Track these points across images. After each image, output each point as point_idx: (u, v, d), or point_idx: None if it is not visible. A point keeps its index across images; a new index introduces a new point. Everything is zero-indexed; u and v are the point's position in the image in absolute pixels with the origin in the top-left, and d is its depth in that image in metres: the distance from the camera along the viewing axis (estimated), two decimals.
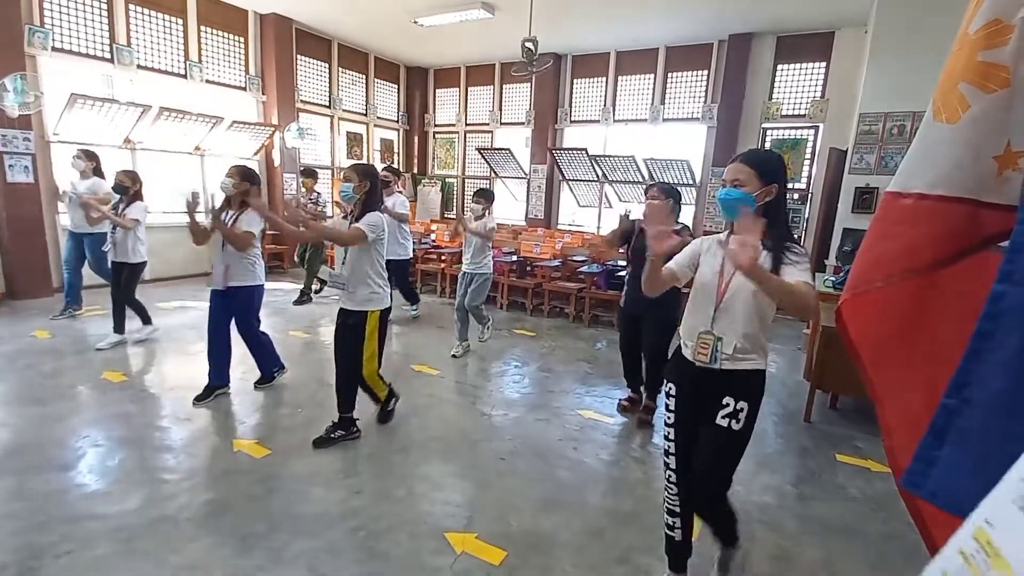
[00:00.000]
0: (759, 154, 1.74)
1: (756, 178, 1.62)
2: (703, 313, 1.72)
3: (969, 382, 0.95)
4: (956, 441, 0.96)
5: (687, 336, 1.77)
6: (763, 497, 2.56)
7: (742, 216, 1.60)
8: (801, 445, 3.17)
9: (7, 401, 3.19)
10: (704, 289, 1.73)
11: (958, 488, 0.94)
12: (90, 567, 1.89)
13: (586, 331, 5.48)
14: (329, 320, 5.40)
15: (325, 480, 2.51)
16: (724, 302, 1.67)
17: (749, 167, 1.64)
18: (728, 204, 1.64)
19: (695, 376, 1.73)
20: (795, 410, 3.60)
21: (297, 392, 3.56)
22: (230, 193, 3.18)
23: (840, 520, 2.43)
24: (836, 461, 2.97)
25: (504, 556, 2.04)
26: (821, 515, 2.45)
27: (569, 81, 8.67)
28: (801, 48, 6.95)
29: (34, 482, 2.37)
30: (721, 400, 1.69)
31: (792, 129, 7.18)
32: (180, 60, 6.69)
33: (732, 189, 1.64)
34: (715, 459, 1.72)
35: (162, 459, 2.64)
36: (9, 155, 5.19)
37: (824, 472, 2.86)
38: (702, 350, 1.69)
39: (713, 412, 1.70)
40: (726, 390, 1.68)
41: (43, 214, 5.54)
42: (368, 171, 2.78)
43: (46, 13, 5.47)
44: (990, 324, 0.92)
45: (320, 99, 8.54)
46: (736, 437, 1.69)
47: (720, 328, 1.67)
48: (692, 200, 7.86)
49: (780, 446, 3.15)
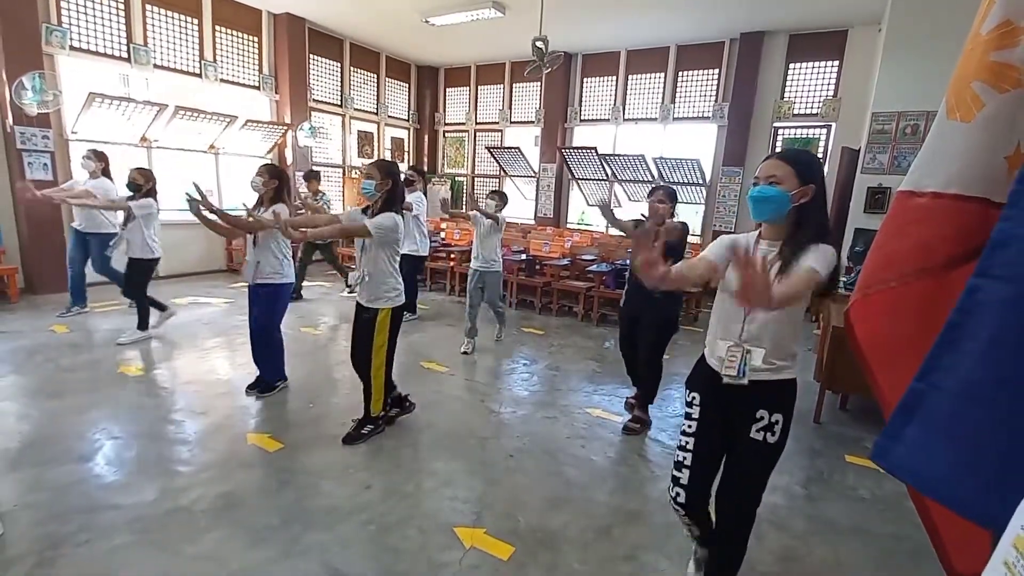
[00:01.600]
0: (799, 152, 1.62)
1: (794, 176, 1.47)
2: (731, 324, 1.59)
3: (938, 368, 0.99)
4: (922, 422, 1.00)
5: (712, 347, 1.65)
6: (771, 497, 2.54)
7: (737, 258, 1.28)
8: (810, 446, 3.16)
9: (27, 394, 3.26)
10: (732, 294, 1.56)
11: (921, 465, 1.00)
12: (108, 557, 1.93)
13: (594, 330, 5.48)
14: (337, 317, 5.46)
15: (336, 475, 2.55)
16: (754, 313, 1.54)
17: (787, 164, 1.49)
18: (760, 203, 1.50)
19: (721, 388, 1.60)
20: (805, 411, 3.58)
21: (309, 387, 3.60)
22: (260, 191, 3.24)
23: (849, 520, 2.42)
24: (846, 462, 2.96)
25: (512, 552, 2.06)
26: (830, 516, 2.45)
27: (579, 80, 8.66)
28: (813, 46, 6.89)
29: (53, 473, 2.42)
30: (754, 413, 1.58)
31: (804, 128, 7.12)
32: (195, 59, 6.78)
33: (767, 187, 1.49)
34: (749, 475, 1.62)
35: (177, 452, 2.70)
36: (28, 153, 5.30)
37: (833, 473, 2.85)
38: (730, 363, 1.56)
39: (744, 426, 1.59)
40: (758, 403, 1.57)
41: (60, 211, 5.64)
42: (390, 169, 2.78)
43: (64, 12, 5.57)
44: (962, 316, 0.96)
45: (332, 98, 8.60)
46: (771, 451, 1.59)
47: (749, 340, 1.55)
48: (702, 199, 7.83)
49: (789, 447, 3.06)
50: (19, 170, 5.28)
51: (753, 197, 1.51)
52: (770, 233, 1.57)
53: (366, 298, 2.81)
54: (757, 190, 1.51)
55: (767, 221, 1.54)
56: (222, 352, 4.22)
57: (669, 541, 2.18)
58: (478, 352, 4.55)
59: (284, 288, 3.34)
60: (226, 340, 4.47)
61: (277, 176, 3.27)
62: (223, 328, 4.78)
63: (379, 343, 2.81)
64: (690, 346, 5.02)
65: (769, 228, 1.57)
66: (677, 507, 1.73)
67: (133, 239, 4.13)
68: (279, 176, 3.28)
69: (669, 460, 2.87)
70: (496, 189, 4.76)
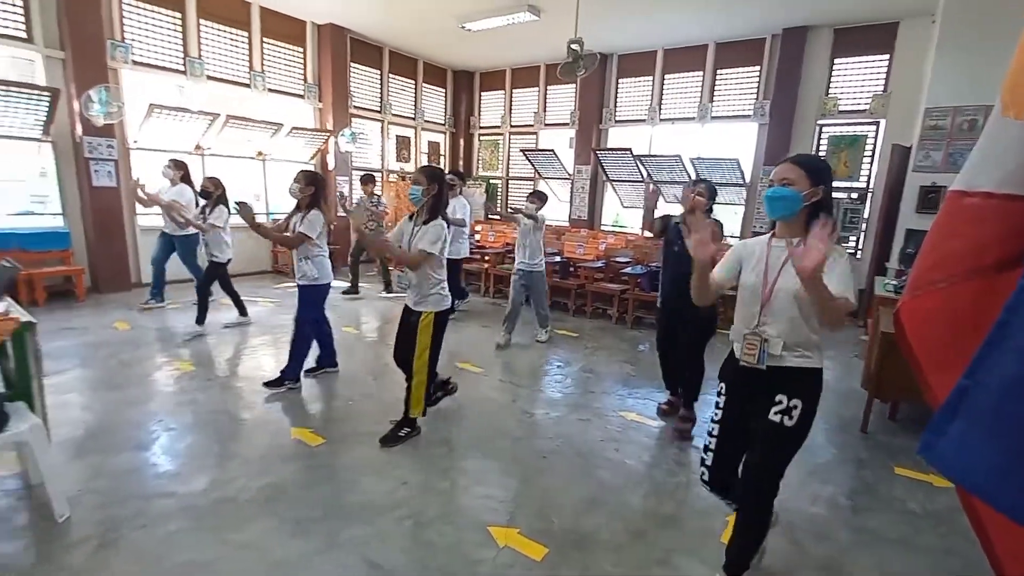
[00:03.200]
0: (810, 157, 1.79)
1: (805, 178, 1.66)
2: (749, 313, 1.75)
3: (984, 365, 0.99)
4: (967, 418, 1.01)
5: (735, 336, 1.81)
6: (813, 507, 2.48)
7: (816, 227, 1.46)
8: (856, 456, 3.04)
9: (91, 386, 3.50)
10: (749, 289, 1.75)
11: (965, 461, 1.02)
12: (163, 541, 2.05)
13: (629, 333, 5.43)
14: (377, 318, 5.60)
15: (374, 470, 2.62)
16: (770, 303, 1.70)
17: (799, 167, 1.68)
18: (774, 202, 1.67)
19: (744, 375, 1.77)
20: (850, 419, 3.45)
21: (350, 384, 3.72)
22: (297, 197, 3.39)
23: (896, 533, 2.32)
24: (894, 474, 2.83)
25: (545, 553, 2.07)
26: (875, 528, 2.35)
27: (614, 81, 8.60)
28: (861, 40, 6.62)
29: (114, 461, 2.59)
30: (772, 397, 1.71)
31: (851, 125, 6.84)
32: (245, 70, 7.11)
33: (780, 187, 1.67)
34: (766, 454, 1.74)
35: (226, 444, 2.84)
36: (95, 161, 5.68)
37: (881, 484, 2.73)
38: (749, 350, 1.72)
39: (764, 409, 1.72)
40: (778, 388, 1.70)
41: (124, 215, 6.03)
42: (436, 175, 2.84)
43: (126, 29, 5.95)
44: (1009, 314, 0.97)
45: (372, 104, 8.84)
46: (789, 434, 1.69)
47: (766, 329, 1.70)
48: (742, 200, 7.63)
49: (833, 456, 3.03)
50: (87, 177, 5.66)
51: (768, 196, 1.69)
52: (784, 231, 1.73)
53: (413, 300, 2.88)
54: (772, 190, 1.69)
55: (781, 219, 1.71)
56: (267, 350, 4.40)
57: (705, 547, 2.15)
58: (511, 353, 4.59)
59: (323, 287, 3.50)
60: (271, 338, 4.67)
61: (313, 182, 3.40)
62: (268, 327, 4.99)
63: (422, 346, 2.85)
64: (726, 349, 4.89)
65: (783, 227, 1.73)
66: (704, 484, 1.93)
67: (212, 243, 4.55)
68: (315, 182, 3.42)
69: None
70: (536, 190, 4.85)
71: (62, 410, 2.99)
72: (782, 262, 1.67)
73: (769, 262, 1.71)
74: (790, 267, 1.61)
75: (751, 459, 1.79)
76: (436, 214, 2.79)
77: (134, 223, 6.25)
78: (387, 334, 5.10)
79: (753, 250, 1.79)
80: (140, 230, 6.31)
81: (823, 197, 1.68)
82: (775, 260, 1.71)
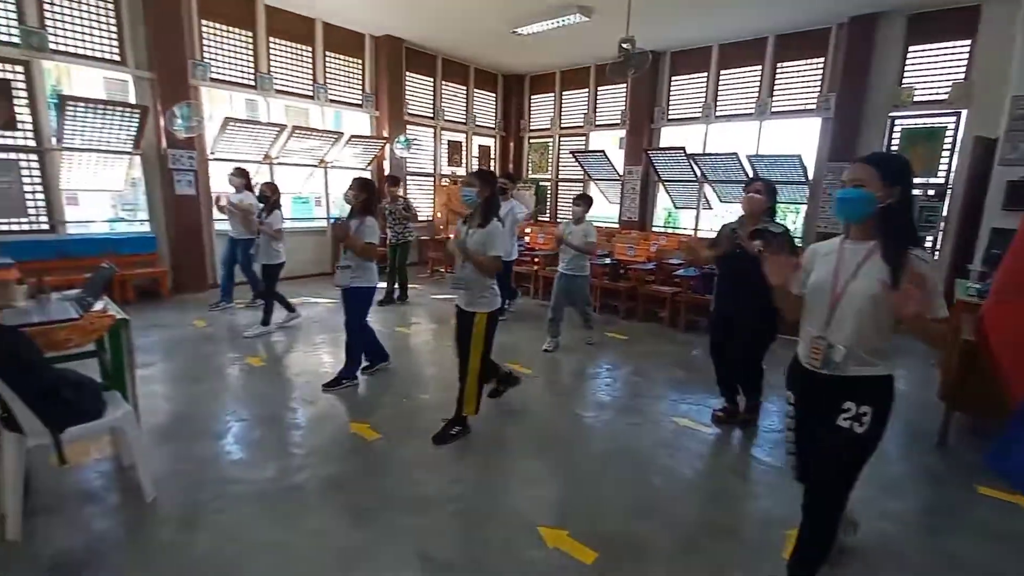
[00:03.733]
0: (884, 155, 1.75)
1: (878, 179, 1.58)
2: (817, 318, 1.71)
3: None
4: None
5: (802, 339, 1.79)
6: (882, 524, 2.34)
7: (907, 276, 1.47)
8: (933, 473, 2.84)
9: (173, 379, 3.81)
10: (818, 293, 1.71)
11: None
12: (238, 524, 2.21)
13: (681, 336, 5.31)
14: (427, 318, 5.76)
15: (427, 466, 2.72)
16: (839, 308, 1.64)
17: (872, 167, 1.61)
18: (845, 204, 1.62)
19: (810, 381, 1.73)
20: (927, 433, 3.22)
21: (404, 383, 3.86)
22: (351, 203, 3.57)
23: (976, 558, 2.15)
24: (977, 493, 2.62)
25: (596, 557, 2.07)
26: (953, 551, 2.19)
27: (667, 79, 8.41)
28: (939, 26, 6.14)
29: (194, 448, 2.82)
30: (840, 404, 1.66)
31: (928, 117, 6.37)
32: (309, 84, 7.51)
33: (852, 189, 1.61)
34: (834, 462, 1.69)
35: (292, 435, 3.02)
36: (177, 171, 6.18)
37: (960, 505, 2.54)
38: (814, 354, 1.69)
39: (832, 414, 1.68)
40: (845, 395, 1.66)
41: (202, 221, 6.51)
42: (489, 177, 2.93)
43: (205, 49, 6.43)
44: None
45: (425, 111, 9.10)
46: (858, 441, 1.64)
47: (833, 334, 1.65)
48: (804, 198, 7.27)
49: (906, 471, 2.84)
50: (170, 186, 6.17)
51: (839, 198, 1.64)
52: (857, 234, 1.67)
53: (465, 302, 2.95)
54: (842, 192, 1.63)
55: (853, 221, 1.66)
56: (328, 347, 4.63)
57: (763, 561, 2.08)
58: (560, 355, 4.60)
59: (371, 291, 3.68)
60: (331, 337, 4.91)
61: (366, 189, 3.59)
62: (329, 326, 5.24)
63: (475, 346, 2.93)
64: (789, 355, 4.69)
65: (856, 229, 1.67)
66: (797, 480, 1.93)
67: (263, 247, 4.80)
68: (368, 189, 3.60)
69: (765, 478, 2.74)
70: (581, 193, 4.84)
71: (149, 400, 3.27)
72: (856, 265, 1.62)
73: (842, 263, 1.66)
74: (865, 271, 1.59)
75: (817, 468, 1.74)
76: (490, 217, 2.86)
77: (211, 228, 6.74)
78: (439, 335, 5.23)
79: (824, 252, 1.75)
80: (216, 234, 6.80)
81: (900, 198, 1.59)
82: (848, 262, 1.65)
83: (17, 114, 5.22)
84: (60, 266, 5.44)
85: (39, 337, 2.19)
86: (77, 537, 2.08)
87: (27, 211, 5.41)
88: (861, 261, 1.62)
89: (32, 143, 5.38)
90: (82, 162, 5.69)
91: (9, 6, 5.08)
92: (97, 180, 5.93)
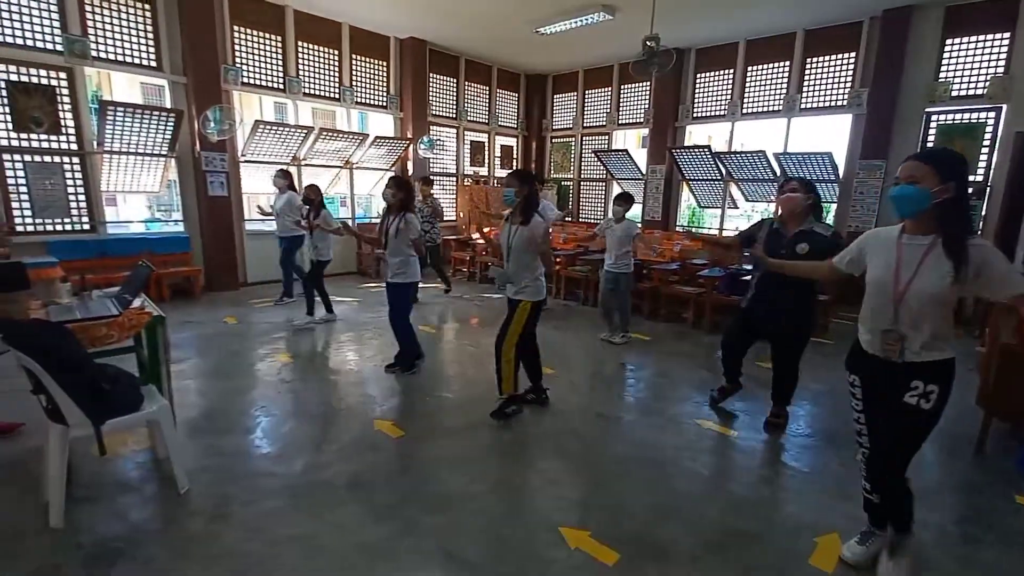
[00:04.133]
0: (938, 151, 1.80)
1: (933, 175, 1.62)
2: (882, 311, 1.77)
3: None
4: None
5: (867, 331, 1.85)
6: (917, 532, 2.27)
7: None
8: (969, 480, 2.74)
9: (205, 374, 3.93)
10: (879, 287, 1.77)
11: None
12: (266, 516, 2.27)
13: (706, 338, 5.23)
14: (450, 318, 5.80)
15: (449, 464, 2.74)
16: (904, 305, 1.71)
17: (926, 163, 1.64)
18: (900, 201, 1.67)
19: (878, 365, 1.82)
20: (964, 439, 3.10)
21: (429, 382, 3.90)
22: (389, 201, 3.72)
23: (1015, 570, 2.07)
24: (1016, 503, 2.52)
25: (617, 558, 2.06)
26: (989, 562, 2.11)
27: (692, 76, 8.30)
28: (977, 18, 5.92)
29: (225, 442, 2.91)
30: (908, 383, 1.75)
31: (965, 112, 6.14)
32: (335, 86, 7.65)
33: (907, 186, 1.65)
34: (900, 436, 1.80)
35: (319, 431, 3.08)
36: (210, 173, 6.37)
37: (998, 514, 2.44)
38: (890, 347, 1.76)
39: (900, 392, 1.77)
40: (914, 375, 1.75)
41: (233, 221, 6.70)
42: (527, 177, 3.09)
43: (237, 54, 6.61)
44: None
45: (448, 112, 9.17)
46: (924, 416, 1.74)
47: (904, 326, 1.73)
48: (835, 197, 7.09)
49: (942, 478, 2.75)
50: (204, 187, 6.36)
51: (893, 196, 1.69)
52: (913, 228, 1.72)
53: (512, 292, 3.14)
54: (897, 189, 1.68)
55: (908, 217, 1.71)
56: (353, 345, 4.72)
57: (791, 569, 2.04)
58: (584, 355, 4.58)
59: (413, 286, 3.85)
60: (356, 335, 4.99)
61: (403, 188, 3.73)
62: (354, 324, 5.34)
63: (514, 330, 3.12)
64: (821, 360, 4.58)
65: (912, 223, 1.72)
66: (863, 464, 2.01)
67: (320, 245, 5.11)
68: (405, 188, 3.75)
69: (792, 483, 2.68)
70: (622, 192, 5.00)
71: (182, 394, 3.38)
72: (918, 261, 1.67)
73: (902, 259, 1.71)
74: (928, 268, 1.65)
75: (884, 440, 1.83)
76: (530, 213, 3.01)
77: (242, 229, 6.93)
78: (462, 334, 5.27)
79: (883, 242, 1.80)
80: (247, 235, 6.99)
81: (955, 194, 1.62)
82: (909, 258, 1.70)
83: (61, 119, 5.45)
84: (100, 265, 5.67)
85: (81, 333, 2.29)
86: (115, 525, 2.16)
87: (70, 212, 5.66)
88: (921, 257, 1.67)
89: (74, 147, 5.62)
90: (121, 164, 5.92)
91: (54, 16, 5.31)
92: (135, 182, 6.16)
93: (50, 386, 1.98)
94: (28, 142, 5.34)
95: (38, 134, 5.35)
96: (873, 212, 6.67)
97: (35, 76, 5.28)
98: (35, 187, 5.38)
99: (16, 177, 5.31)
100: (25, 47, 5.21)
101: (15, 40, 5.16)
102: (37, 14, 5.23)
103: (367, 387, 3.76)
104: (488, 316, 5.91)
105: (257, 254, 7.03)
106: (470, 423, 3.21)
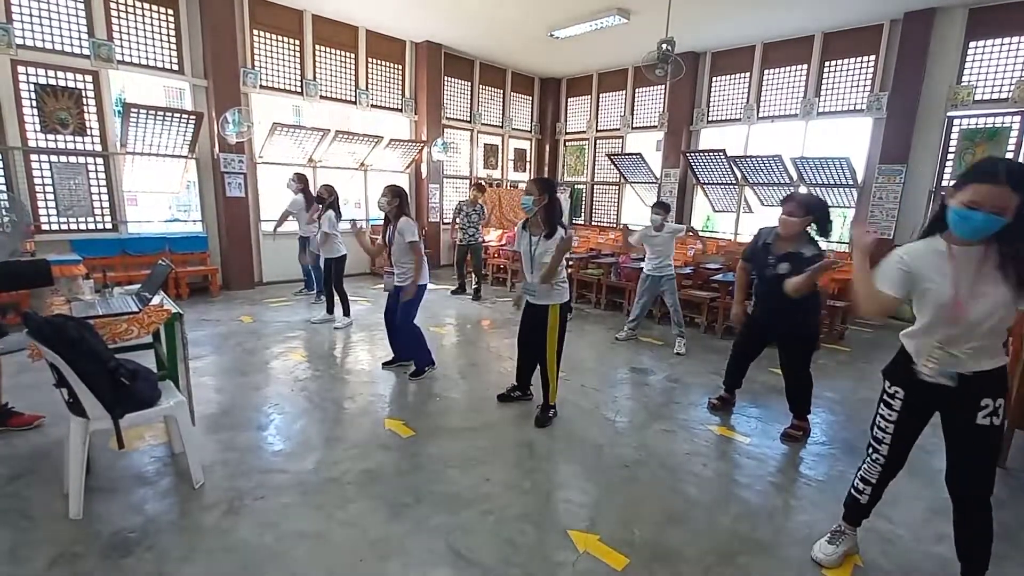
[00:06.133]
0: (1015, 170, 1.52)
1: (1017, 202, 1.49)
2: (941, 329, 1.69)
3: None
4: None
5: (923, 353, 1.75)
6: (938, 548, 2.22)
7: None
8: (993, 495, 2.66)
9: (221, 371, 3.99)
10: (937, 306, 1.67)
11: None
12: (278, 511, 2.30)
13: (719, 343, 5.18)
14: (460, 319, 5.82)
15: (459, 464, 2.75)
16: (968, 324, 1.64)
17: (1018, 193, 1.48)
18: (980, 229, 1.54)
19: (930, 387, 1.75)
20: None
21: (440, 382, 3.91)
22: (385, 209, 3.72)
23: None
24: None
25: (626, 563, 2.05)
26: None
27: (707, 80, 8.25)
28: (1002, 20, 5.80)
29: (240, 437, 2.95)
30: (978, 402, 1.70)
31: (989, 116, 6.01)
32: (351, 89, 7.74)
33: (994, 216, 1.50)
34: (984, 457, 1.75)
35: (330, 429, 3.11)
36: (228, 174, 6.49)
37: (1021, 529, 2.38)
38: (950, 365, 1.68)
39: (968, 414, 1.72)
40: (980, 392, 1.70)
41: (250, 222, 6.81)
42: (547, 185, 3.04)
43: (256, 57, 6.73)
44: None
45: (462, 115, 9.23)
46: (999, 432, 1.73)
47: (964, 348, 1.66)
48: (853, 202, 6.98)
49: None
50: (222, 188, 6.48)
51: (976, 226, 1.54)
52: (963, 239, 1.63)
53: (535, 298, 3.11)
54: (982, 219, 1.51)
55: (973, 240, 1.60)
56: (365, 345, 4.76)
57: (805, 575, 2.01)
58: (595, 358, 4.57)
59: (420, 288, 3.81)
60: (368, 335, 5.03)
61: (398, 195, 3.74)
62: (366, 324, 5.38)
63: (551, 337, 3.11)
64: (836, 368, 4.51)
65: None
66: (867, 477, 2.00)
67: (327, 244, 5.17)
68: (400, 195, 3.75)
69: (806, 492, 2.64)
70: (658, 200, 5.02)
71: (198, 390, 3.43)
72: (972, 276, 1.60)
73: (958, 272, 1.62)
74: (985, 285, 1.59)
75: (963, 470, 1.78)
76: (554, 225, 2.98)
77: (258, 229, 7.03)
78: (473, 335, 5.29)
79: (929, 261, 1.68)
80: (263, 235, 7.10)
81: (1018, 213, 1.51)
82: (963, 272, 1.62)
83: (86, 120, 5.60)
84: (121, 262, 5.80)
85: (102, 328, 2.35)
86: (132, 518, 2.21)
87: (93, 211, 5.80)
88: (975, 270, 1.60)
89: (99, 147, 5.76)
90: (142, 165, 6.05)
91: (81, 21, 5.46)
92: (156, 182, 6.29)
93: (72, 380, 2.03)
94: (55, 143, 5.49)
95: (64, 135, 5.50)
96: (892, 218, 6.56)
97: (62, 79, 5.43)
98: (60, 187, 5.52)
99: (43, 177, 5.46)
100: (53, 51, 5.36)
101: (44, 44, 5.31)
102: (65, 19, 5.39)
103: (378, 386, 3.78)
104: (499, 319, 5.92)
105: (272, 254, 7.14)
106: (480, 424, 3.22)
